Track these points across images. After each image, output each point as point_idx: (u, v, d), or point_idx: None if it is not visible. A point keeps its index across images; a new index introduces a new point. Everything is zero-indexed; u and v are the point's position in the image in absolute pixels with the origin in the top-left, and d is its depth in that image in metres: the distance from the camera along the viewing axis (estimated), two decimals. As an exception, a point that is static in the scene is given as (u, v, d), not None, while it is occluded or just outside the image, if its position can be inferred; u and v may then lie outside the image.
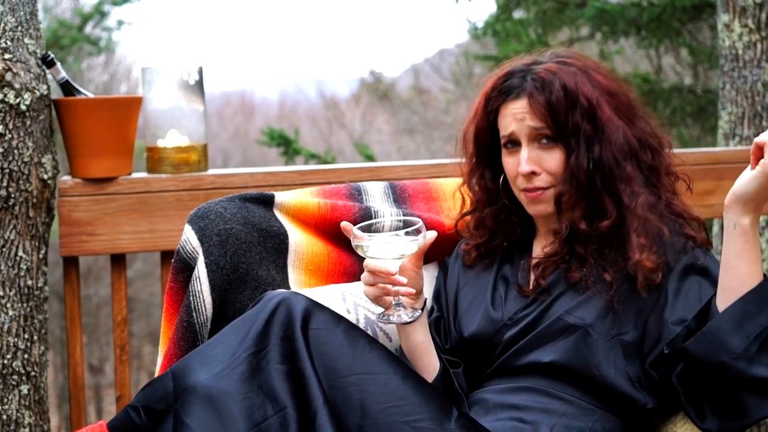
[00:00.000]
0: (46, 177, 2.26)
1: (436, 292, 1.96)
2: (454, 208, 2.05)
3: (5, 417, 2.20)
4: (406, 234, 1.64)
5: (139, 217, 2.40)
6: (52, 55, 2.29)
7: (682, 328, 1.61)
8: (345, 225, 1.71)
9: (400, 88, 13.95)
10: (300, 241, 2.01)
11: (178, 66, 2.46)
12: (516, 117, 1.74)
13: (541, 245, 1.82)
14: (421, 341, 1.77)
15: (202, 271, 1.91)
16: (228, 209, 1.97)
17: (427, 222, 1.96)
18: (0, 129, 2.16)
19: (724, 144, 3.36)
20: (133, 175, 2.44)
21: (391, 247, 1.64)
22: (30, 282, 2.24)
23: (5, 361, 2.20)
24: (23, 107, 2.19)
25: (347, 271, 2.04)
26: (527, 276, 1.81)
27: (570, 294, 1.73)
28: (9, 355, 2.20)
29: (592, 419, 1.70)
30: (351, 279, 2.02)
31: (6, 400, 2.20)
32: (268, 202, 2.02)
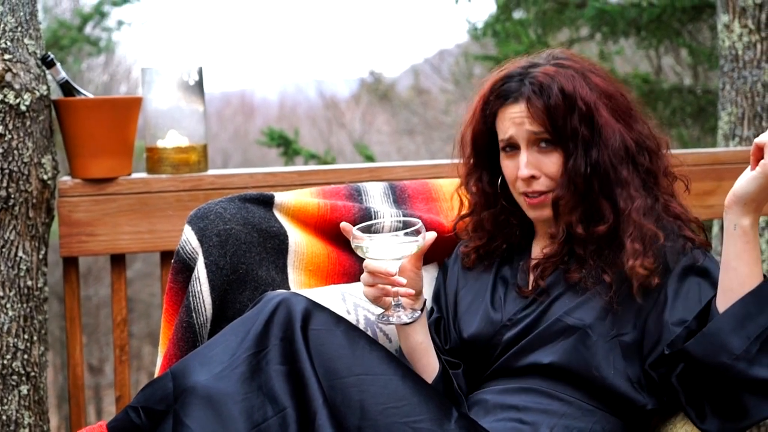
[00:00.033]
0: (45, 177, 2.26)
1: (435, 293, 1.96)
2: (453, 208, 2.05)
3: (5, 417, 2.20)
4: (406, 235, 1.64)
5: (138, 218, 2.40)
6: (52, 56, 2.28)
7: (682, 329, 1.61)
8: (344, 226, 1.71)
9: (399, 89, 13.96)
10: (300, 241, 2.01)
11: (177, 66, 2.46)
12: (514, 121, 1.74)
13: (541, 246, 1.82)
14: (421, 342, 1.77)
15: (201, 271, 1.91)
16: (228, 210, 1.96)
17: (427, 223, 1.96)
18: (0, 129, 2.16)
19: (724, 144, 3.35)
20: (133, 175, 2.44)
21: (391, 248, 1.64)
22: (30, 282, 2.24)
23: (5, 361, 2.20)
24: (23, 108, 2.19)
25: (347, 271, 2.03)
26: (526, 277, 1.81)
27: (569, 295, 1.73)
28: (9, 356, 2.20)
29: (592, 420, 1.69)
30: (351, 279, 2.02)
31: (6, 400, 2.20)
32: (267, 202, 2.02)
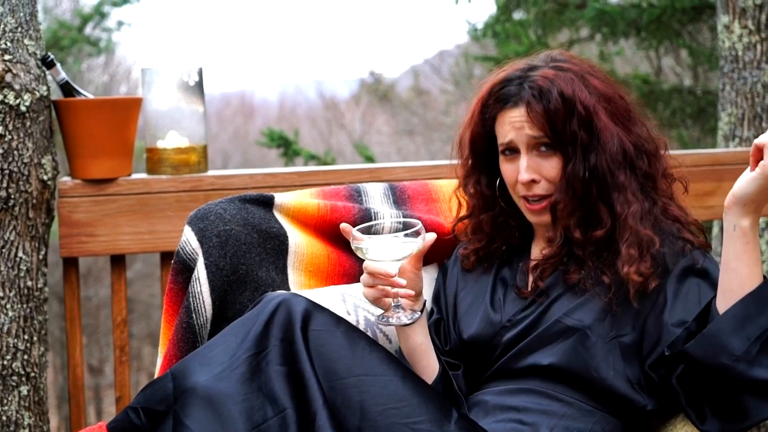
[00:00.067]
0: (45, 178, 2.26)
1: (435, 294, 1.96)
2: (453, 210, 2.05)
3: (5, 418, 2.20)
4: (406, 236, 1.64)
5: (138, 218, 2.40)
6: (52, 56, 2.28)
7: (682, 330, 1.60)
8: (344, 227, 1.71)
9: (399, 89, 13.96)
10: (300, 242, 2.01)
11: (177, 67, 2.46)
12: (514, 125, 1.73)
13: (540, 247, 1.82)
14: (421, 343, 1.77)
15: (201, 272, 1.91)
16: (228, 210, 1.96)
17: (427, 223, 1.96)
18: (0, 130, 2.16)
19: (724, 145, 3.35)
20: (133, 176, 2.44)
21: (391, 249, 1.64)
22: (30, 283, 2.24)
23: (5, 362, 2.20)
24: (23, 108, 2.19)
25: (347, 272, 2.03)
26: (526, 278, 1.81)
27: (568, 296, 1.73)
28: (9, 356, 2.20)
29: (592, 421, 1.69)
30: (351, 280, 2.02)
31: (6, 401, 2.20)
32: (267, 203, 2.02)
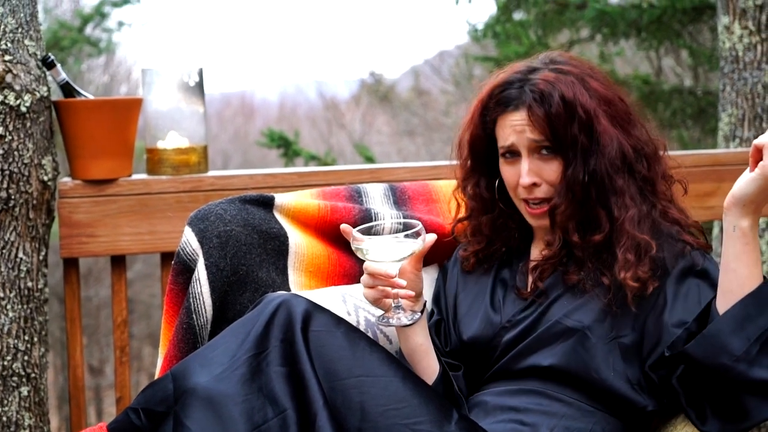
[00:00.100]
0: (46, 178, 2.26)
1: (435, 295, 1.96)
2: (453, 210, 2.05)
3: (5, 419, 2.20)
4: (406, 237, 1.64)
5: (139, 219, 2.40)
6: (53, 57, 2.28)
7: (682, 331, 1.60)
8: (345, 228, 1.71)
9: (400, 90, 13.97)
10: (300, 242, 2.01)
11: (178, 67, 2.46)
12: (515, 129, 1.73)
13: (539, 248, 1.82)
14: (421, 344, 1.77)
15: (202, 273, 1.91)
16: (228, 211, 1.96)
17: (427, 224, 1.96)
18: (0, 131, 2.16)
19: (725, 146, 3.35)
20: (133, 176, 2.44)
21: (391, 250, 1.64)
22: (30, 283, 2.24)
23: (5, 362, 2.20)
24: (23, 109, 2.19)
25: (347, 273, 2.03)
26: (525, 279, 1.81)
27: (568, 297, 1.73)
28: (9, 357, 2.20)
29: (592, 421, 1.69)
30: (351, 281, 2.02)
31: (6, 401, 2.20)
32: (268, 203, 2.02)
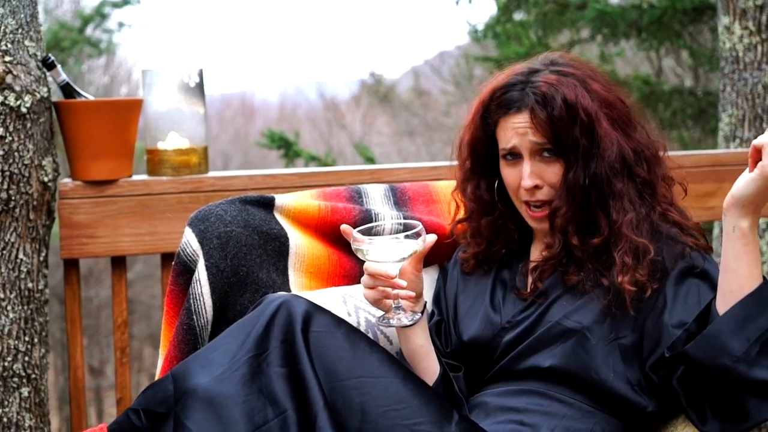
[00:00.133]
0: (46, 179, 2.26)
1: (436, 295, 1.96)
2: (453, 211, 2.05)
3: (6, 420, 2.20)
4: (406, 237, 1.64)
5: (139, 220, 2.40)
6: (53, 58, 2.29)
7: (682, 332, 1.60)
8: (345, 228, 1.71)
9: (400, 90, 13.97)
10: (300, 243, 2.01)
11: (178, 68, 2.46)
12: (517, 131, 1.73)
13: (539, 249, 1.82)
14: (421, 344, 1.77)
15: (202, 273, 1.91)
16: (228, 212, 1.96)
17: (427, 225, 1.96)
18: (0, 131, 2.16)
19: (725, 146, 3.36)
20: (134, 177, 2.44)
21: (391, 251, 1.64)
22: (30, 284, 2.24)
23: (6, 363, 2.20)
24: (24, 110, 2.19)
25: (348, 273, 2.03)
26: (525, 279, 1.81)
27: (567, 297, 1.73)
28: (9, 358, 2.20)
29: (593, 421, 1.69)
30: (352, 282, 2.02)
31: (6, 402, 2.20)
32: (268, 204, 2.02)
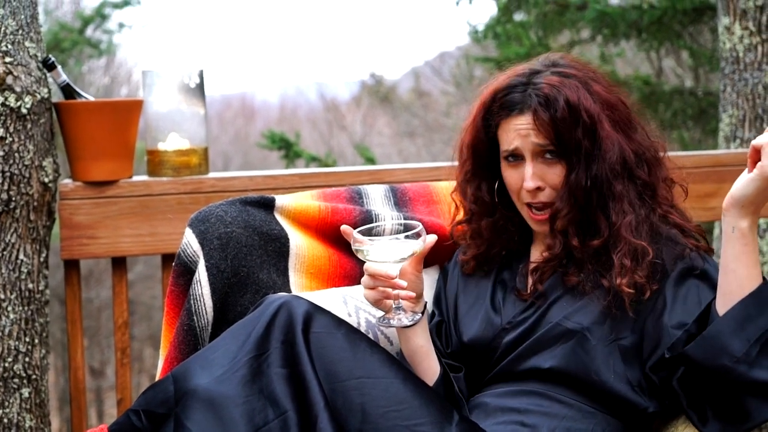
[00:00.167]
0: (46, 180, 2.26)
1: (436, 296, 1.96)
2: (454, 210, 2.05)
3: (6, 420, 2.20)
4: (406, 238, 1.64)
5: (139, 221, 2.40)
6: (53, 58, 2.29)
7: (682, 333, 1.60)
8: (345, 229, 1.71)
9: (400, 91, 13.96)
10: (301, 244, 2.01)
11: (178, 69, 2.46)
12: (520, 133, 1.72)
13: (540, 250, 1.82)
14: (422, 345, 1.77)
15: (202, 274, 1.91)
16: (229, 213, 1.97)
17: (428, 225, 1.96)
18: (1, 132, 2.16)
19: (725, 146, 3.36)
20: (134, 178, 2.44)
21: (391, 251, 1.64)
22: (31, 285, 2.24)
23: (6, 364, 2.20)
24: (24, 110, 2.19)
25: (348, 274, 2.03)
26: (525, 280, 1.81)
27: (567, 298, 1.73)
28: (10, 359, 2.20)
29: (593, 422, 1.69)
30: (352, 282, 2.02)
31: (7, 403, 2.20)
32: (268, 205, 2.02)
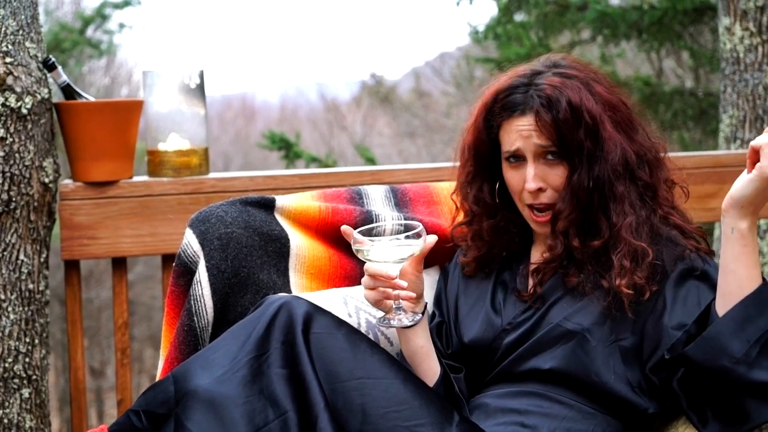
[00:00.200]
0: (47, 181, 2.26)
1: (437, 297, 1.96)
2: (454, 211, 2.05)
3: (6, 421, 2.20)
4: (407, 238, 1.64)
5: (140, 221, 2.40)
6: (54, 59, 2.29)
7: (682, 333, 1.60)
8: (345, 229, 1.71)
9: (401, 91, 13.96)
10: (301, 244, 2.01)
11: (179, 69, 2.46)
12: (522, 134, 1.72)
13: (540, 251, 1.82)
14: (422, 345, 1.77)
15: (203, 275, 1.91)
16: (229, 213, 1.97)
17: (428, 226, 1.96)
18: (1, 133, 2.16)
19: (726, 147, 3.36)
20: (134, 178, 2.44)
21: (392, 251, 1.64)
22: (31, 286, 2.24)
23: (6, 364, 2.20)
24: (24, 111, 2.19)
25: (349, 274, 2.03)
26: (525, 281, 1.81)
27: (568, 299, 1.73)
28: (10, 359, 2.20)
29: (593, 423, 1.69)
30: (352, 283, 2.02)
31: (7, 403, 2.20)
32: (269, 205, 2.02)
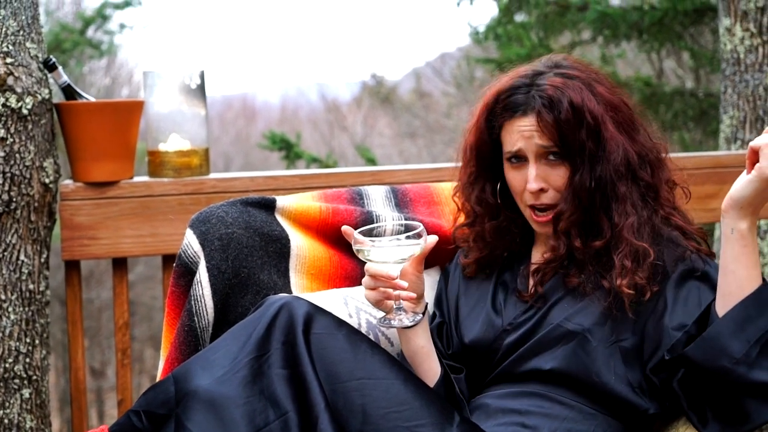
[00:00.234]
0: (47, 181, 2.26)
1: (437, 297, 1.96)
2: (455, 212, 2.05)
3: (7, 421, 2.20)
4: (407, 238, 1.64)
5: (140, 221, 2.40)
6: (54, 59, 2.29)
7: (682, 334, 1.61)
8: (346, 229, 1.71)
9: (401, 92, 13.96)
10: (302, 245, 2.01)
11: (179, 70, 2.46)
12: (523, 134, 1.72)
13: (541, 251, 1.82)
14: (423, 346, 1.77)
15: (203, 275, 1.91)
16: (229, 213, 1.97)
17: (429, 226, 1.96)
18: (2, 133, 2.17)
19: (726, 148, 3.36)
20: (135, 179, 2.45)
21: (392, 252, 1.64)
22: (31, 286, 2.24)
23: (7, 365, 2.20)
24: (25, 111, 2.19)
25: (349, 275, 2.03)
26: (526, 281, 1.81)
27: (568, 299, 1.73)
28: (10, 359, 2.20)
29: (594, 423, 1.69)
30: (353, 283, 2.02)
31: (7, 404, 2.20)
32: (269, 206, 2.02)
